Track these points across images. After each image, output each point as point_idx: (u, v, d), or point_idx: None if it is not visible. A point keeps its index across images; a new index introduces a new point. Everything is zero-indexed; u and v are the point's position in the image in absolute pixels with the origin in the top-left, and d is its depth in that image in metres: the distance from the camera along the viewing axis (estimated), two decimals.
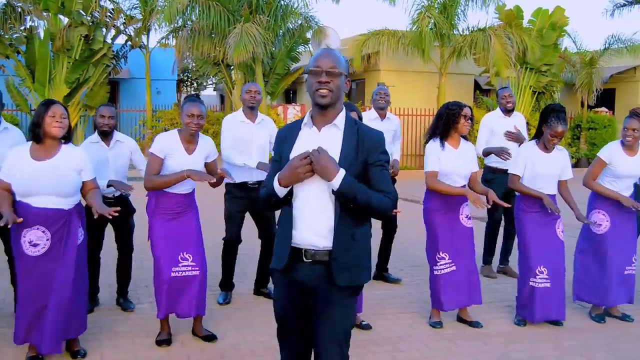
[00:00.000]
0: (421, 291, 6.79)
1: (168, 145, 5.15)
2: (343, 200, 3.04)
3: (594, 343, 5.52)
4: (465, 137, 5.81)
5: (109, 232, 6.04)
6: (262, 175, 6.10)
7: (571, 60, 22.19)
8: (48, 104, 4.64)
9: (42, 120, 4.57)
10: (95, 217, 4.60)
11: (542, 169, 5.77)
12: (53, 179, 4.57)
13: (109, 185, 5.57)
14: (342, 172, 2.98)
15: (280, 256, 3.22)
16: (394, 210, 5.90)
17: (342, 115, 3.20)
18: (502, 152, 6.96)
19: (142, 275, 6.83)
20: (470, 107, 5.76)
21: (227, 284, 6.50)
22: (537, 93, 20.95)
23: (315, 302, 3.18)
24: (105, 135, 5.87)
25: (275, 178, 3.09)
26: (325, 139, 3.15)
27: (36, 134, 4.60)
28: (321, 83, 3.09)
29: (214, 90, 36.39)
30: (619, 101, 24.18)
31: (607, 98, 23.75)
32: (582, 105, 22.74)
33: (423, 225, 5.96)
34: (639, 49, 21.46)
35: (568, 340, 5.57)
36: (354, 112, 5.32)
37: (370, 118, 6.99)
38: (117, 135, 5.96)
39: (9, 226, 4.36)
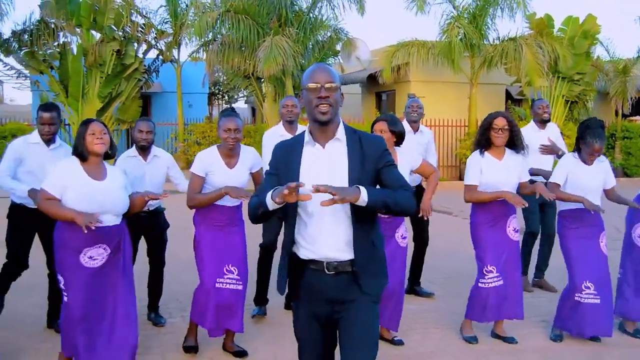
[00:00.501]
0: (453, 304, 6.68)
1: (208, 162, 5.16)
2: (376, 209, 3.05)
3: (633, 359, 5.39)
4: (513, 148, 5.64)
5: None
6: None
7: (604, 68, 21.86)
8: (86, 122, 4.65)
9: (83, 139, 4.58)
10: (147, 198, 4.68)
11: (584, 180, 5.67)
12: (114, 198, 4.59)
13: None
14: (363, 190, 2.96)
15: (282, 279, 3.29)
16: (424, 215, 5.89)
17: (341, 127, 3.21)
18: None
19: (173, 289, 6.82)
20: (505, 116, 5.59)
21: (261, 298, 6.48)
22: (570, 102, 20.68)
23: (341, 313, 3.19)
24: (143, 150, 5.90)
25: (269, 194, 3.03)
26: (330, 154, 3.16)
27: (80, 153, 4.60)
28: (321, 99, 3.08)
29: (245, 103, 36.51)
30: None
31: None
32: (616, 114, 22.40)
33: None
34: None
35: (606, 357, 5.44)
36: (396, 125, 5.35)
37: None
38: (154, 150, 5.99)
39: (93, 226, 4.29)
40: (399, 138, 5.52)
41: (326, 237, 3.12)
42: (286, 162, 3.22)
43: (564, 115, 20.35)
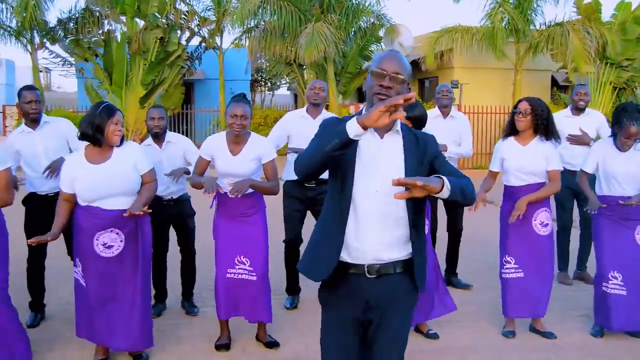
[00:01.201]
0: (492, 297, 6.54)
1: (213, 147, 5.15)
2: (456, 200, 2.83)
3: None
4: (543, 135, 5.49)
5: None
6: None
7: None
8: (111, 110, 4.60)
9: (105, 126, 4.54)
10: (125, 215, 4.54)
11: (615, 166, 5.50)
12: (115, 180, 4.57)
13: (168, 176, 5.65)
14: (445, 179, 2.74)
15: (326, 265, 3.01)
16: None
17: (399, 121, 3.03)
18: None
19: (208, 276, 6.80)
20: (529, 100, 5.45)
21: (292, 288, 6.43)
22: (617, 89, 20.15)
23: (376, 317, 3.04)
24: (157, 137, 5.90)
25: (354, 118, 2.69)
26: (388, 146, 2.98)
27: (97, 139, 4.57)
28: (382, 87, 2.89)
29: (288, 89, 36.53)
30: None
31: None
32: None
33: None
34: None
35: None
36: (413, 110, 5.15)
37: (432, 116, 6.56)
38: (169, 136, 5.97)
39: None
40: (417, 123, 5.23)
41: (371, 237, 2.93)
42: None
43: (611, 102, 19.82)
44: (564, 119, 6.99)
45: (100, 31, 19.73)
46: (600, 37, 18.34)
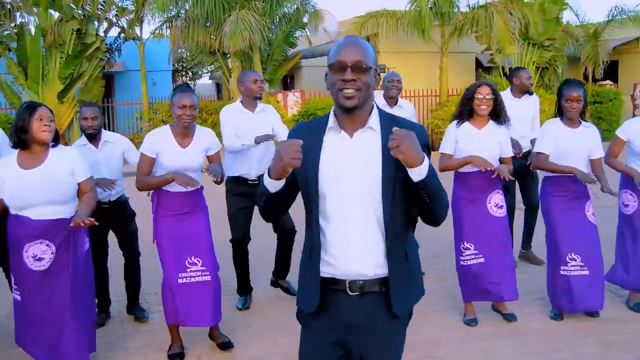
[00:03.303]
0: (446, 285, 6.45)
1: (159, 141, 4.81)
2: (421, 195, 2.45)
3: (638, 336, 5.17)
4: (496, 119, 5.40)
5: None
6: (262, 171, 5.69)
7: (574, 33, 21.73)
8: (33, 107, 4.24)
9: (28, 125, 4.18)
10: (71, 225, 4.18)
11: (568, 145, 5.42)
12: (46, 187, 4.21)
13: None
14: (426, 158, 2.42)
15: (311, 296, 2.64)
16: None
17: (375, 114, 2.62)
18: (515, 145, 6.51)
19: (151, 280, 6.44)
20: (489, 85, 5.34)
21: (244, 288, 6.14)
22: (540, 69, 20.51)
23: (363, 340, 2.64)
24: (93, 137, 5.50)
25: (266, 172, 2.54)
26: (360, 145, 2.57)
27: (23, 140, 4.21)
28: (346, 81, 2.48)
29: (210, 79, 35.92)
30: (622, 73, 23.74)
31: (610, 71, 23.30)
32: (586, 79, 22.33)
33: None
34: None
35: (611, 335, 5.21)
36: None
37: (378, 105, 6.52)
38: (105, 135, 5.58)
39: None
40: None
41: (350, 248, 2.56)
42: (305, 149, 2.49)
43: (535, 82, 20.17)
44: (509, 102, 6.89)
45: (13, 24, 18.77)
46: (522, 18, 18.59)
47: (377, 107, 2.68)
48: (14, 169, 4.24)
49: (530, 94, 7.12)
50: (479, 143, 5.33)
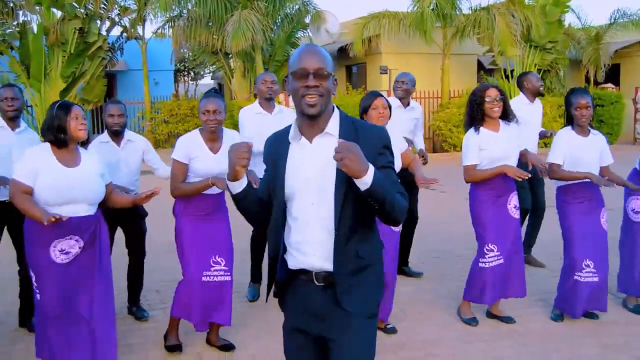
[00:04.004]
0: (447, 286, 6.46)
1: (190, 147, 4.82)
2: (369, 202, 2.55)
3: (637, 338, 5.18)
4: (505, 119, 5.43)
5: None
6: None
7: (576, 36, 21.76)
8: (67, 106, 4.30)
9: (66, 124, 4.23)
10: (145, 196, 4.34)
11: (582, 153, 5.42)
12: (86, 186, 4.27)
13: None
14: (372, 168, 2.48)
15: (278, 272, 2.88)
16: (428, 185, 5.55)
17: (334, 119, 2.75)
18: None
19: (153, 279, 6.46)
20: (496, 86, 5.36)
21: (257, 275, 6.30)
22: (542, 71, 20.53)
23: (330, 332, 2.77)
24: (116, 135, 5.53)
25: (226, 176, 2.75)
26: (319, 151, 2.70)
27: (61, 139, 4.25)
28: (309, 88, 2.63)
29: (212, 79, 35.94)
30: (624, 77, 23.73)
31: (612, 74, 23.32)
32: (588, 81, 22.35)
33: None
34: None
35: (611, 337, 5.23)
36: (381, 97, 5.05)
37: (393, 106, 6.57)
38: (128, 134, 5.62)
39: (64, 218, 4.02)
40: (390, 113, 5.27)
41: (311, 245, 2.73)
42: (274, 158, 2.81)
43: None
44: (523, 106, 6.95)
45: (15, 22, 18.85)
46: (524, 20, 18.61)
47: (340, 112, 2.80)
48: (55, 165, 4.24)
49: (542, 95, 7.20)
50: (505, 144, 5.33)
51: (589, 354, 4.91)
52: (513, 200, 5.47)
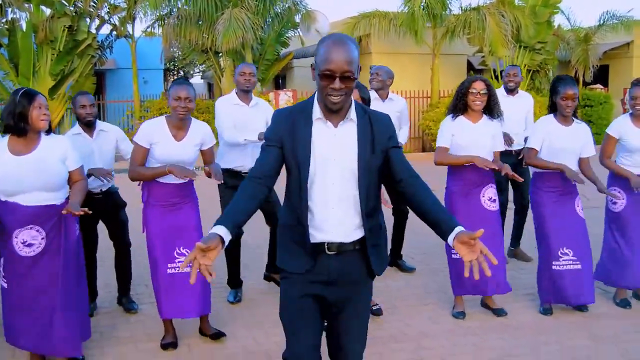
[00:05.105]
0: (438, 280, 6.47)
1: (153, 132, 4.76)
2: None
3: (626, 331, 5.20)
4: (490, 114, 5.43)
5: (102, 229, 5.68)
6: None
7: (565, 37, 21.85)
8: (31, 95, 4.23)
9: (27, 112, 4.18)
10: (64, 212, 4.24)
11: (561, 142, 5.43)
12: (38, 173, 4.20)
13: (88, 175, 5.09)
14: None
15: (299, 259, 2.97)
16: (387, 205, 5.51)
17: (353, 107, 2.91)
18: (506, 138, 6.55)
19: (140, 273, 6.42)
20: (484, 80, 5.39)
21: (235, 281, 6.12)
22: (531, 72, 20.62)
23: (337, 295, 3.01)
24: (89, 126, 5.49)
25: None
26: (342, 135, 2.88)
27: (20, 127, 4.20)
28: (335, 90, 2.73)
29: (202, 78, 35.85)
30: (613, 77, 23.84)
31: (601, 75, 23.43)
32: (577, 82, 22.41)
33: None
34: (634, 24, 21.12)
35: (601, 329, 5.24)
36: (356, 89, 5.00)
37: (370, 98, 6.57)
38: (100, 124, 5.58)
39: None
40: (367, 104, 5.19)
41: (329, 221, 2.90)
42: (294, 135, 2.87)
43: (526, 85, 20.26)
44: (501, 99, 6.93)
45: (4, 20, 18.67)
46: (514, 21, 18.66)
47: (354, 101, 2.94)
48: (5, 154, 4.21)
49: (513, 90, 7.16)
50: (474, 136, 5.35)
51: (579, 346, 4.92)
52: (487, 193, 5.47)
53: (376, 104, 6.59)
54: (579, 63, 21.43)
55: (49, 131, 4.38)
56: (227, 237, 2.64)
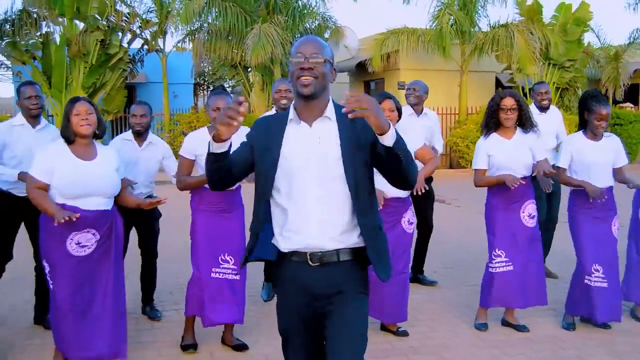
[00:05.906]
0: (460, 294, 6.47)
1: (197, 144, 4.86)
2: (394, 159, 2.65)
3: None
4: (522, 127, 5.42)
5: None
6: None
7: (595, 55, 21.74)
8: (72, 101, 4.39)
9: (68, 120, 4.33)
10: (148, 207, 4.53)
11: (592, 157, 5.42)
12: (102, 179, 4.35)
13: None
14: (393, 128, 2.61)
15: (268, 252, 3.00)
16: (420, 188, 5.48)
17: (331, 105, 2.91)
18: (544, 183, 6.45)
19: (166, 282, 6.51)
20: (513, 95, 5.37)
21: (270, 274, 6.23)
22: (560, 89, 20.54)
23: (327, 307, 2.91)
24: (139, 135, 5.63)
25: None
26: (319, 134, 2.85)
27: (67, 136, 4.36)
28: (303, 70, 2.78)
29: (232, 93, 36.18)
30: None
31: (630, 93, 23.24)
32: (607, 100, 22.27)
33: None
34: None
35: (621, 345, 5.21)
36: (390, 99, 5.08)
37: (406, 113, 6.63)
38: (150, 136, 5.72)
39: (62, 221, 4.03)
40: (399, 114, 5.28)
41: (309, 224, 2.82)
42: (266, 136, 2.93)
43: (555, 102, 20.18)
44: (535, 116, 6.97)
45: (38, 33, 19.12)
46: (543, 38, 18.62)
47: (333, 101, 2.94)
48: (71, 159, 4.32)
49: (547, 108, 7.16)
50: (511, 152, 5.35)
51: None
52: (528, 209, 5.45)
53: (411, 120, 6.69)
54: (609, 81, 21.31)
55: (100, 136, 4.52)
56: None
